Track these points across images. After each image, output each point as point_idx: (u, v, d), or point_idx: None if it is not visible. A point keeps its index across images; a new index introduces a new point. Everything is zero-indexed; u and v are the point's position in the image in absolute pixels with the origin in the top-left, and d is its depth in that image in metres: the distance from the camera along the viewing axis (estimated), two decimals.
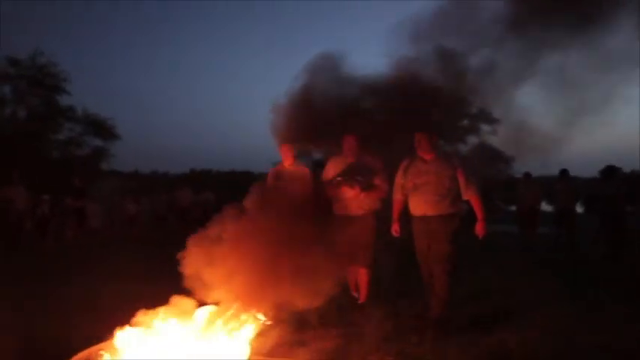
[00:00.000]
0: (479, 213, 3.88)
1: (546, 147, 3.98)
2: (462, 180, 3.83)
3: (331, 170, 4.32)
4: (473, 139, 21.73)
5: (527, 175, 9.74)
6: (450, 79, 3.94)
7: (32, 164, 16.00)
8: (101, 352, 2.76)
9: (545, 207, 10.20)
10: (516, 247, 9.01)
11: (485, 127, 22.04)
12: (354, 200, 4.18)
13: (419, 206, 3.89)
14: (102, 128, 19.40)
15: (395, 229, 4.09)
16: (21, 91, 18.09)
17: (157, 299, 3.08)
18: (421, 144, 3.84)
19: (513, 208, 13.62)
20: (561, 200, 9.03)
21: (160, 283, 3.26)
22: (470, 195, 3.85)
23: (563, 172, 9.06)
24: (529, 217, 9.42)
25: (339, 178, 4.21)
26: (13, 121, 18.25)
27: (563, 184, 9.03)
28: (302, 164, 4.78)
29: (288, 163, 4.65)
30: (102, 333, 2.86)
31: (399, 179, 4.03)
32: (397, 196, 4.06)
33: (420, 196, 3.87)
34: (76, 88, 20.99)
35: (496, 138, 21.28)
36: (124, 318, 2.91)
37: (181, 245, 3.17)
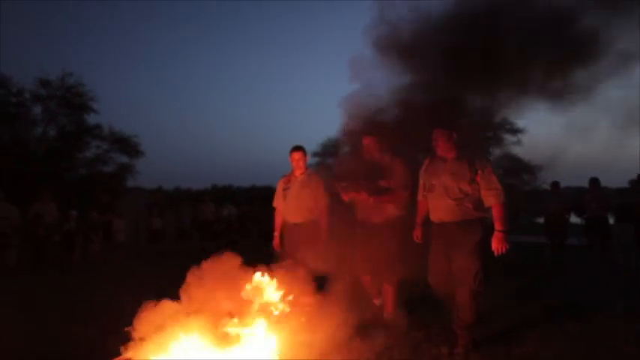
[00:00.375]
0: (497, 223, 3.34)
1: None
2: (482, 184, 3.38)
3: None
4: (496, 151, 21.43)
5: (555, 184, 9.44)
6: None
7: (61, 181, 16.46)
8: None
9: (573, 219, 9.79)
10: (546, 258, 8.74)
11: (509, 138, 21.73)
12: (367, 206, 3.86)
13: (435, 211, 3.50)
14: (127, 145, 19.83)
15: (416, 235, 3.72)
16: (51, 111, 18.74)
17: (181, 311, 3.07)
18: (438, 142, 3.46)
19: (540, 220, 13.23)
20: (593, 210, 8.71)
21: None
22: (491, 202, 3.37)
23: (594, 181, 8.74)
24: (557, 227, 9.12)
25: (343, 184, 3.93)
26: (44, 141, 18.87)
27: (594, 194, 8.72)
28: (315, 173, 4.51)
29: (299, 172, 4.45)
30: (126, 344, 2.85)
31: (420, 179, 3.68)
32: (420, 198, 3.70)
33: (435, 198, 3.49)
34: (101, 106, 21.56)
35: (520, 148, 20.90)
36: (149, 329, 2.89)
37: (204, 259, 3.18)
